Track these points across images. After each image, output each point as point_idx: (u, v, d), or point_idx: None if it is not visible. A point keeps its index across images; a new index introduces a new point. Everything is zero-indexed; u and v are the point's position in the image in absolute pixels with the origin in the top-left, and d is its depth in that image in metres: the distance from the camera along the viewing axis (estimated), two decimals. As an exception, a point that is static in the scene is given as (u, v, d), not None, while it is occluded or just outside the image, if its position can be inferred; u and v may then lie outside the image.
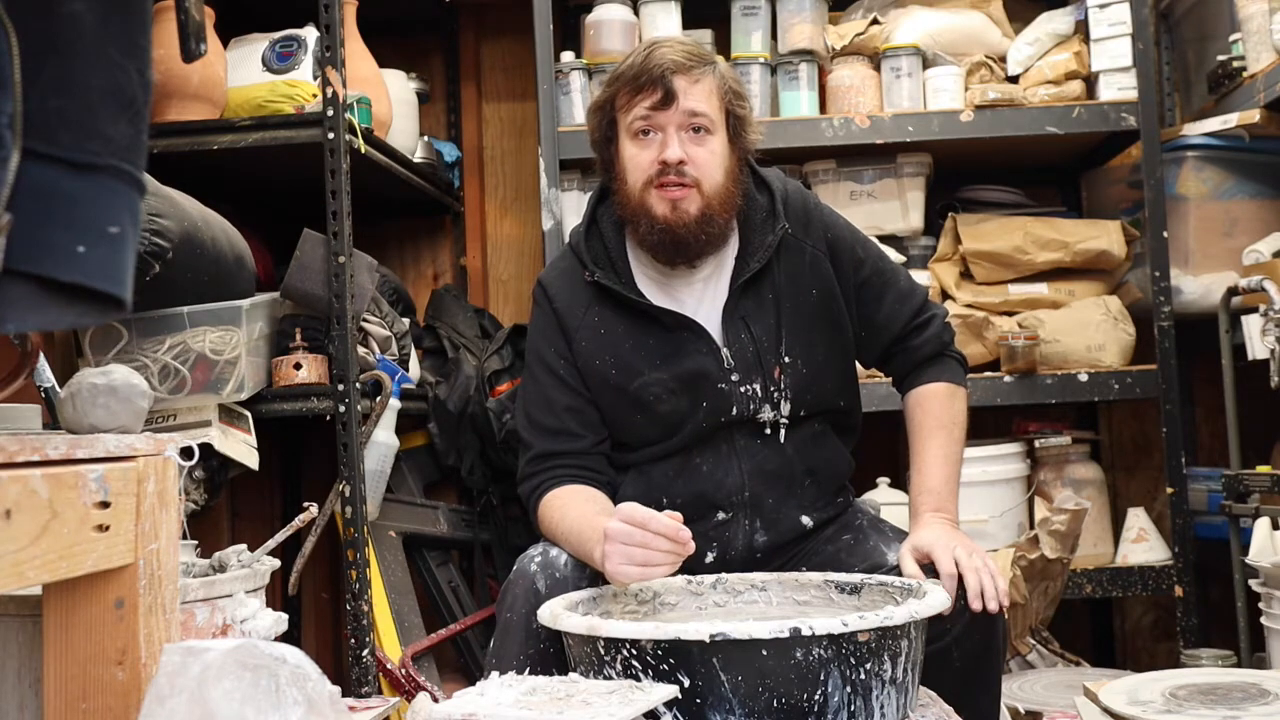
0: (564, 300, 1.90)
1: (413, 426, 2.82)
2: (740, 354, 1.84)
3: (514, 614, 1.66)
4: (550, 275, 1.96)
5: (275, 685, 1.11)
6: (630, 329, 1.86)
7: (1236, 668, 2.29)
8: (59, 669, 1.20)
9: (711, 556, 1.85)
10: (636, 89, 1.80)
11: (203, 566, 1.84)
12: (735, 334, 1.85)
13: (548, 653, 1.61)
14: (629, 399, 1.85)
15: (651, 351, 1.85)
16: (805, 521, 1.88)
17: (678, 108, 1.79)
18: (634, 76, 1.80)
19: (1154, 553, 2.71)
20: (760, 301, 1.86)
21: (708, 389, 1.84)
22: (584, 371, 1.88)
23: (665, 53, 1.80)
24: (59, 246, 0.88)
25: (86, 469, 1.14)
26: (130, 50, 0.92)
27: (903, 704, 1.40)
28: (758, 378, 1.84)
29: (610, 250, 1.90)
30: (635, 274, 1.89)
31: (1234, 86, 2.68)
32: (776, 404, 1.85)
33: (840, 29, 2.78)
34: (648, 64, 1.79)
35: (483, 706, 1.26)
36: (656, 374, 1.84)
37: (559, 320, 1.90)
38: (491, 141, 3.30)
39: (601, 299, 1.88)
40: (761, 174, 1.93)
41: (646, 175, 1.80)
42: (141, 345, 2.18)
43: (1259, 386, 2.41)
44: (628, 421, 1.87)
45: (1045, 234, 2.74)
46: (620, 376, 1.86)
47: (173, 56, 1.27)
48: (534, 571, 1.68)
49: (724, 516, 1.85)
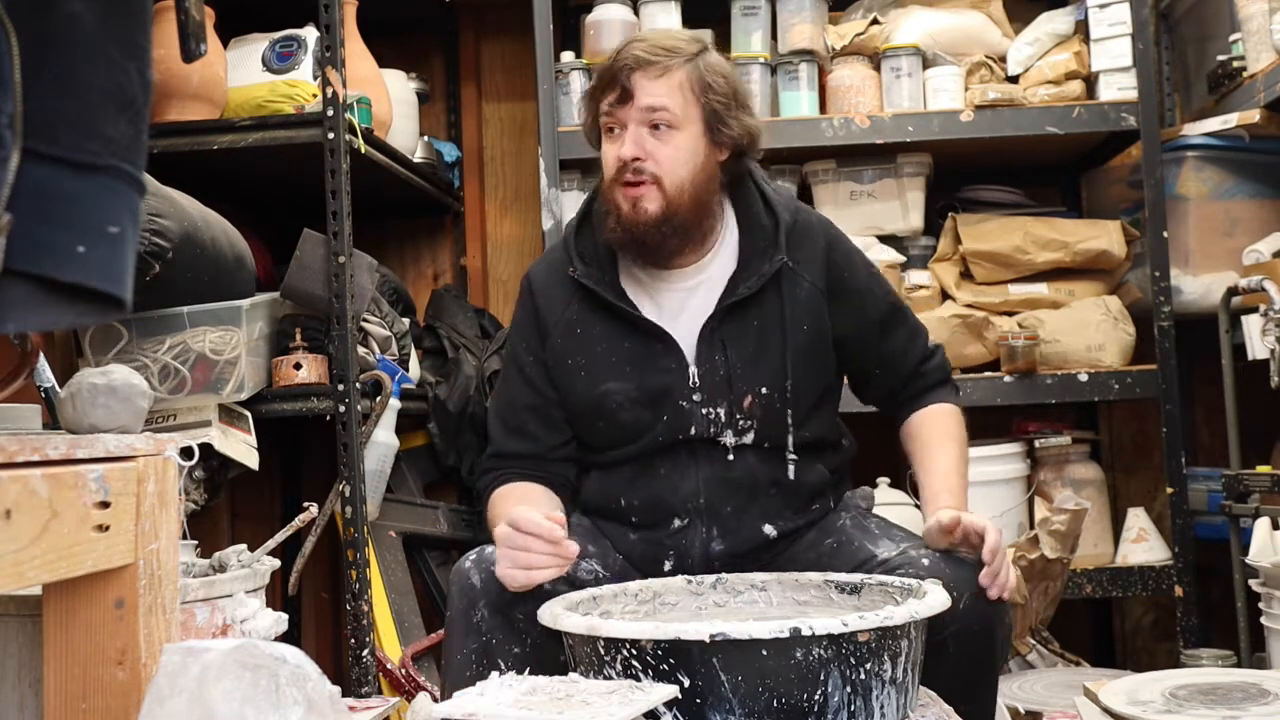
0: (545, 295, 1.88)
1: (413, 426, 2.82)
2: (709, 375, 1.80)
3: (454, 611, 1.65)
4: (538, 268, 1.94)
5: (275, 685, 1.11)
6: (606, 331, 1.83)
7: (1236, 668, 2.29)
8: (59, 669, 1.20)
9: (669, 565, 1.82)
10: (602, 86, 1.79)
11: (203, 566, 1.84)
12: (709, 354, 1.80)
13: (490, 644, 1.60)
14: (592, 403, 1.83)
15: (621, 358, 1.82)
16: (768, 531, 1.83)
17: (634, 104, 1.75)
18: (601, 73, 1.80)
19: (1154, 553, 2.71)
20: (744, 328, 1.81)
21: (669, 405, 1.80)
22: (555, 368, 1.86)
23: (632, 48, 1.78)
24: (59, 246, 0.88)
25: (86, 469, 1.14)
26: (130, 50, 0.92)
27: (903, 704, 1.40)
28: (723, 403, 1.80)
29: (599, 247, 1.87)
30: (621, 273, 1.86)
31: (1234, 86, 2.68)
32: (741, 431, 1.81)
33: (840, 29, 2.78)
34: (614, 61, 1.78)
35: (483, 706, 1.26)
36: (621, 384, 1.81)
37: (537, 315, 1.88)
38: (491, 141, 3.30)
39: (583, 295, 1.85)
40: (772, 201, 1.87)
41: (612, 172, 1.78)
42: (141, 345, 2.18)
43: (1259, 386, 2.41)
44: (590, 425, 1.85)
45: (1045, 234, 2.74)
46: (587, 380, 1.83)
47: (173, 56, 1.27)
48: (468, 568, 1.66)
49: (680, 524, 1.82)
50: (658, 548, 1.82)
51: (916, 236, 2.85)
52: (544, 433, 1.87)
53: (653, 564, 1.83)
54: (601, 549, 1.81)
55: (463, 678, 1.57)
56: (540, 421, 1.87)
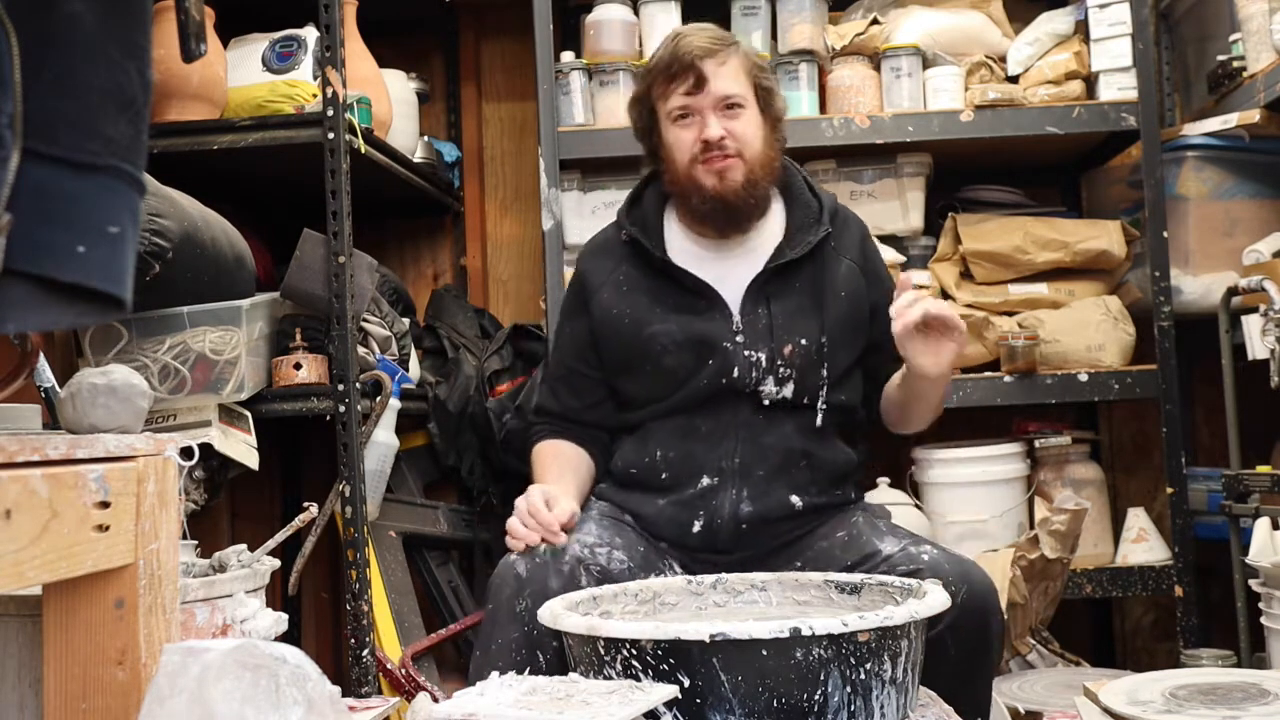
0: (592, 263, 2.06)
1: (413, 426, 2.82)
2: (753, 324, 1.93)
3: (497, 601, 1.71)
4: (586, 248, 2.13)
5: (275, 685, 1.11)
6: (653, 286, 1.99)
7: (1236, 668, 2.29)
8: (59, 669, 1.20)
9: (698, 526, 1.90)
10: (670, 77, 1.94)
11: (203, 566, 1.84)
12: (754, 306, 1.95)
13: (532, 635, 1.65)
14: (638, 349, 1.96)
15: (668, 307, 1.96)
16: (795, 501, 1.92)
17: (709, 91, 1.92)
18: (666, 66, 1.95)
19: (1154, 553, 2.71)
20: (788, 287, 1.96)
21: (714, 349, 1.92)
22: (601, 324, 2.00)
23: (692, 40, 1.94)
24: (59, 246, 0.88)
25: (86, 469, 1.14)
26: (130, 50, 0.92)
27: (903, 704, 1.40)
28: (765, 348, 1.92)
29: (648, 220, 2.03)
30: (669, 245, 2.00)
31: (1234, 86, 2.68)
32: (781, 380, 1.93)
33: (840, 29, 2.78)
34: (677, 53, 1.93)
35: (482, 706, 1.26)
36: (665, 326, 1.94)
37: (583, 282, 2.05)
38: (491, 141, 3.30)
39: (631, 258, 2.02)
40: (814, 185, 2.07)
41: (691, 154, 1.94)
42: (141, 345, 2.18)
43: (1259, 386, 2.41)
44: (636, 372, 1.97)
45: (1045, 234, 2.74)
46: (631, 326, 1.97)
47: (173, 56, 1.27)
48: (514, 560, 1.75)
49: (709, 482, 1.91)
50: (687, 509, 1.91)
51: (916, 236, 2.85)
52: (578, 395, 2.05)
53: (680, 529, 1.92)
54: (626, 541, 1.85)
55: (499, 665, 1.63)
56: (574, 385, 2.05)
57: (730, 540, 1.89)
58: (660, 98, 1.97)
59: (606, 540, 1.81)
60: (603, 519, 1.89)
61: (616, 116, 2.66)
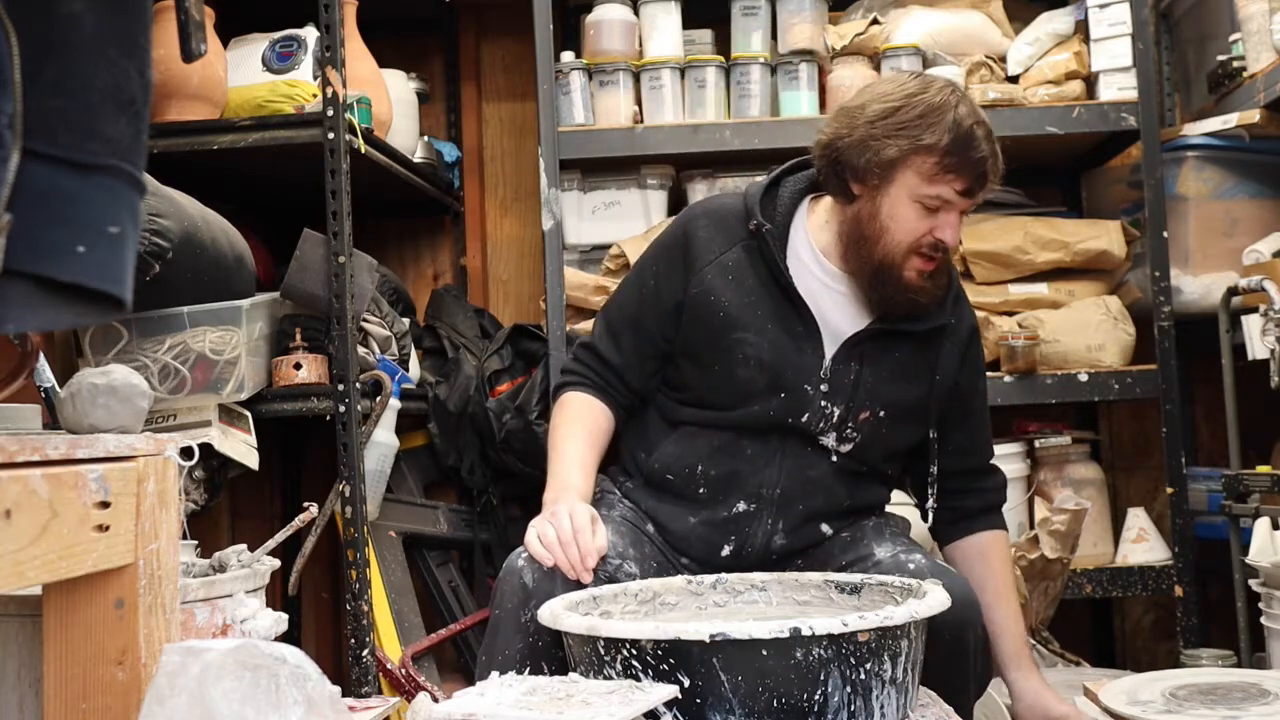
0: (707, 231, 1.89)
1: (413, 426, 2.82)
2: (840, 376, 1.84)
3: (503, 610, 1.68)
4: (702, 208, 1.96)
5: (275, 685, 1.11)
6: (758, 287, 1.85)
7: (1236, 668, 2.29)
8: (59, 669, 1.20)
9: (728, 550, 1.86)
10: (950, 167, 1.76)
11: (203, 566, 1.84)
12: (848, 358, 1.85)
13: (537, 646, 1.63)
14: (720, 347, 1.84)
15: (766, 315, 1.84)
16: (825, 530, 1.89)
17: (973, 202, 1.82)
18: (952, 151, 1.75)
19: (1154, 553, 2.71)
20: (886, 355, 1.86)
21: (793, 387, 1.83)
22: (694, 301, 1.86)
23: (985, 143, 1.78)
24: (59, 246, 0.88)
25: (86, 469, 1.14)
26: (130, 50, 0.92)
27: (903, 704, 1.40)
28: (842, 404, 1.84)
29: (780, 218, 1.89)
30: (792, 250, 1.88)
31: (1234, 86, 2.68)
32: (845, 439, 1.86)
33: (840, 29, 2.78)
34: (974, 148, 1.77)
35: (483, 706, 1.26)
36: (756, 337, 1.83)
37: (689, 244, 1.89)
38: (491, 141, 3.30)
39: (748, 248, 1.87)
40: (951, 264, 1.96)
41: (915, 242, 1.79)
42: (141, 345, 2.18)
43: (1259, 386, 2.41)
44: (703, 367, 1.87)
45: (1045, 234, 2.74)
46: (723, 320, 1.84)
47: (173, 56, 1.27)
48: (520, 567, 1.70)
49: (746, 508, 1.85)
50: (719, 531, 1.85)
51: (916, 236, 2.85)
52: (638, 353, 1.92)
53: (709, 549, 1.86)
54: (641, 554, 1.81)
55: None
56: (637, 342, 1.91)
57: (758, 567, 1.84)
58: (922, 172, 1.76)
59: (621, 550, 1.75)
60: (623, 524, 1.83)
61: (616, 116, 2.66)
